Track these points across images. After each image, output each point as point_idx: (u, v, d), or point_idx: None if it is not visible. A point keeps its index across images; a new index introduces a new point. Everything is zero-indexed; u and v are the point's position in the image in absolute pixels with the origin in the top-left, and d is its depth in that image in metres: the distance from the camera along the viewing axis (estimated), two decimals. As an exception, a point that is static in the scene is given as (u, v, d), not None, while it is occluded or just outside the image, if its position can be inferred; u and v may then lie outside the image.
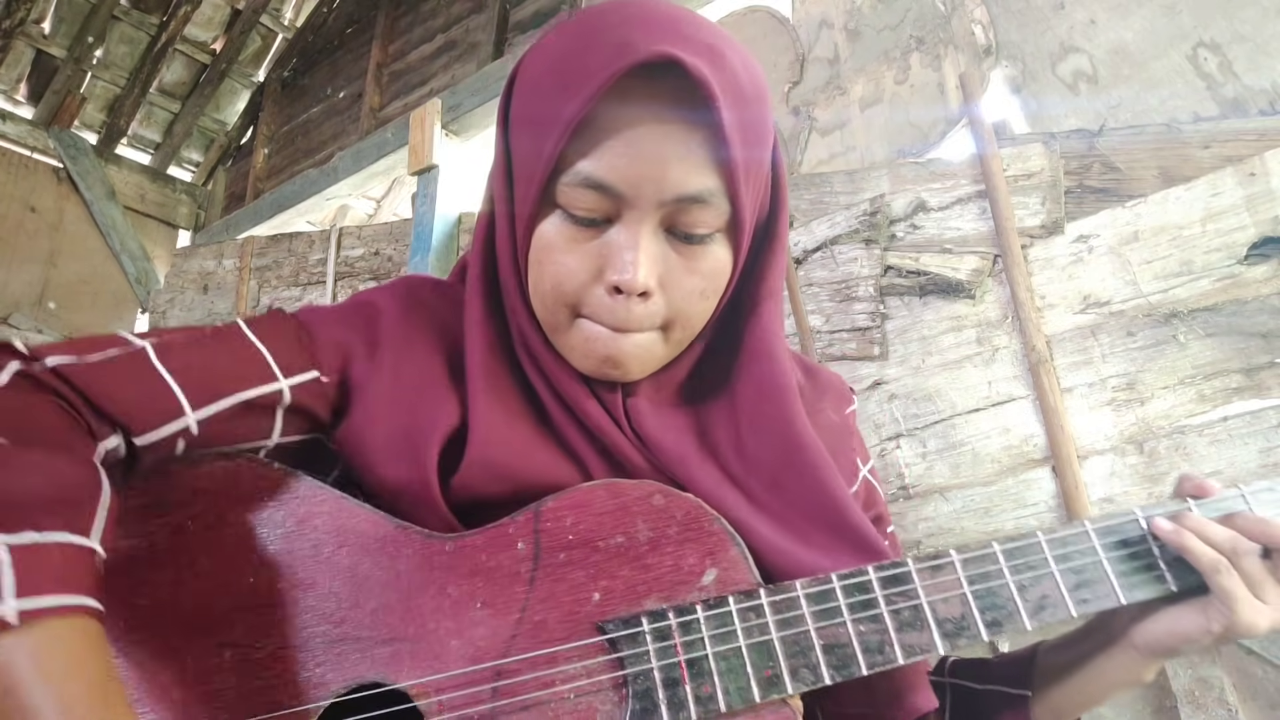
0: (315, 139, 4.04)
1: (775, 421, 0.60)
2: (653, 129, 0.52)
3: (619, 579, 0.52)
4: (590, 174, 0.52)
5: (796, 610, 0.52)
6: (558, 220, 0.55)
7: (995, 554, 0.54)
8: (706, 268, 0.56)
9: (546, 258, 0.56)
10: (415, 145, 3.04)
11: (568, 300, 0.56)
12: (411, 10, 3.79)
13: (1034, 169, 1.86)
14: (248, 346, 0.56)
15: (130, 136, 4.42)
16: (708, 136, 0.52)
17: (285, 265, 3.30)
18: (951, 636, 0.52)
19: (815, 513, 0.58)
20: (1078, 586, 0.54)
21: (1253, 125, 1.67)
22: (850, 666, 0.50)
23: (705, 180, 0.53)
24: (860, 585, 0.52)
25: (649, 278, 0.53)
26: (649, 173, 0.52)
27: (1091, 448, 1.68)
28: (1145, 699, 1.55)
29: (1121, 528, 0.56)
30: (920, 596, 0.53)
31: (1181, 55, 1.78)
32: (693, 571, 0.52)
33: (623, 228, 0.54)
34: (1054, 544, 0.55)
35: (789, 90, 2.40)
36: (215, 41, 4.33)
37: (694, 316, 0.58)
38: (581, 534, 0.53)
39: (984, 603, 0.53)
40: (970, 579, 0.53)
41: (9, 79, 4.07)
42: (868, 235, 2.01)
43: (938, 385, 1.86)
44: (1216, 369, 1.59)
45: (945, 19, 2.14)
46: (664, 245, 0.55)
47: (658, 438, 0.59)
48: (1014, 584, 0.53)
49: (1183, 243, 1.66)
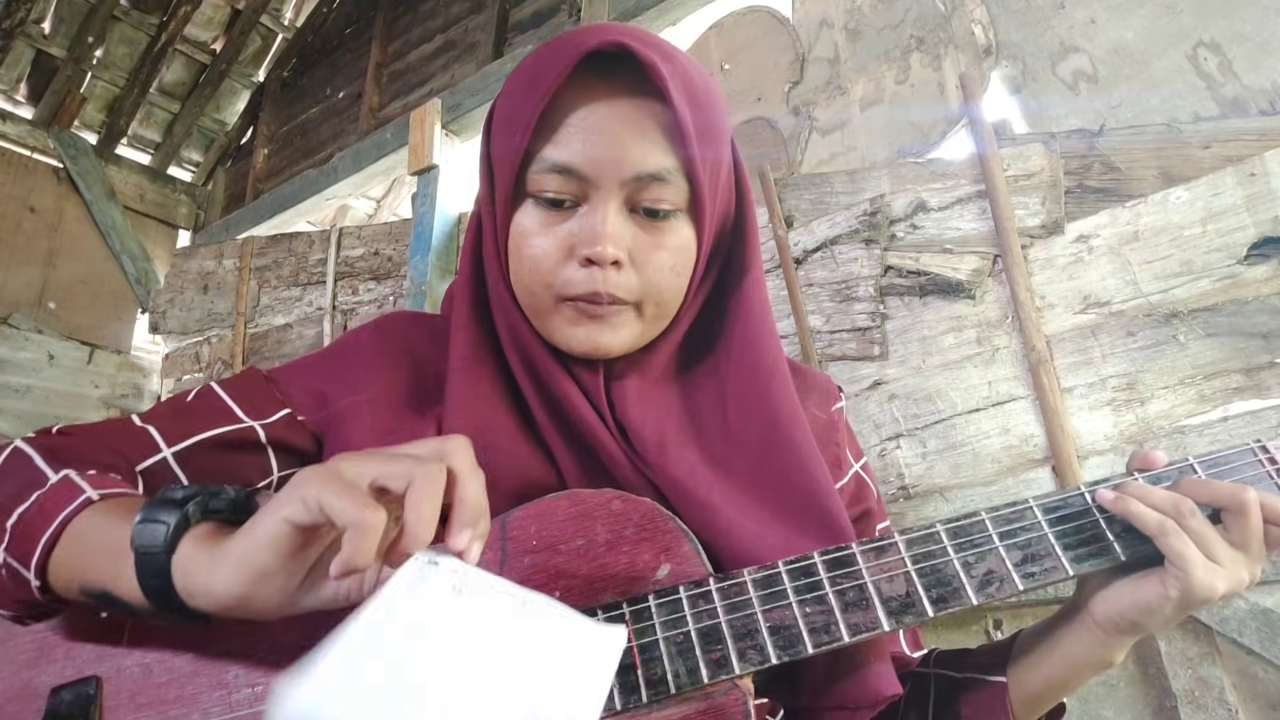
0: (315, 139, 4.04)
1: (761, 400, 0.63)
2: (610, 115, 0.58)
3: (578, 578, 0.55)
4: (555, 159, 0.58)
5: (744, 595, 0.54)
6: (531, 208, 0.61)
7: (938, 533, 0.56)
8: (672, 243, 0.61)
9: (524, 243, 0.61)
10: (415, 145, 3.04)
11: (545, 280, 0.60)
12: (411, 10, 3.79)
13: (1034, 169, 1.86)
14: (217, 401, 0.65)
15: (130, 136, 4.41)
16: (663, 121, 0.58)
17: (285, 265, 3.30)
18: (897, 614, 0.53)
19: (790, 492, 0.60)
20: (1024, 561, 0.55)
21: (1253, 125, 1.67)
22: (796, 646, 0.52)
23: (662, 159, 0.58)
24: (805, 569, 0.55)
25: (617, 248, 0.58)
26: (609, 154, 0.57)
27: (1091, 448, 1.68)
28: (1145, 699, 1.55)
29: (1067, 502, 0.57)
30: (865, 577, 0.54)
31: (1182, 55, 1.78)
32: (648, 567, 0.55)
33: (590, 208, 0.59)
34: (998, 521, 0.56)
35: (789, 90, 2.40)
36: (215, 41, 4.32)
37: (666, 291, 0.61)
38: (544, 539, 0.56)
39: (928, 580, 0.54)
40: (914, 558, 0.55)
41: (9, 79, 4.06)
42: (868, 235, 2.01)
43: (938, 385, 1.86)
44: (1216, 369, 1.59)
45: (945, 19, 2.14)
46: (630, 223, 0.60)
47: (638, 425, 0.63)
48: (958, 561, 0.55)
49: (1183, 243, 1.66)
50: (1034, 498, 0.57)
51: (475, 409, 0.62)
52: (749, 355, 0.65)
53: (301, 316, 3.20)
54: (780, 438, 0.62)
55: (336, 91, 4.01)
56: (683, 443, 0.63)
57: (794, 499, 0.60)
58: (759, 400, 0.63)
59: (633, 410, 0.63)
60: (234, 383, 0.67)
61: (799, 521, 0.59)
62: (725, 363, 0.66)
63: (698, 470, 0.61)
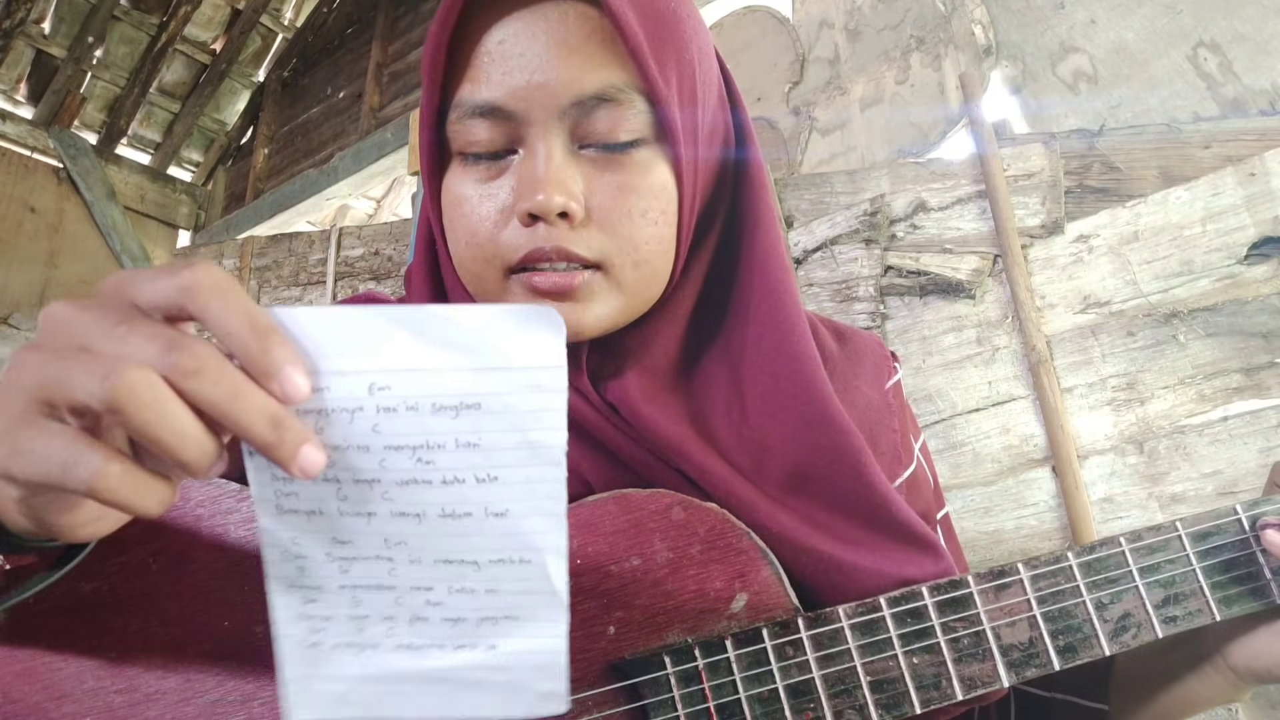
0: (315, 139, 4.04)
1: (789, 392, 0.51)
2: (533, 31, 0.45)
3: (636, 609, 0.45)
4: (472, 100, 0.46)
5: (840, 644, 0.45)
6: (457, 168, 0.49)
7: (1070, 567, 0.47)
8: (640, 183, 0.47)
9: (456, 213, 0.48)
10: (415, 145, 3.04)
11: (486, 254, 0.47)
12: (411, 10, 3.79)
13: (1034, 169, 1.86)
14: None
15: (130, 136, 4.41)
16: (601, 25, 0.45)
17: (285, 265, 3.30)
18: (1018, 666, 0.45)
19: (848, 503, 0.50)
20: (1166, 602, 0.46)
21: (1253, 125, 1.67)
22: (902, 706, 0.44)
23: (607, 75, 0.45)
24: (913, 610, 0.46)
25: (562, 194, 0.44)
26: (536, 78, 0.44)
27: (1092, 448, 1.68)
28: (1145, 699, 1.55)
29: (1220, 528, 0.48)
30: (983, 622, 0.45)
31: (1182, 55, 1.78)
32: (720, 596, 0.46)
33: (526, 152, 0.46)
34: (1139, 552, 0.47)
35: (789, 90, 2.40)
36: (215, 41, 4.32)
37: (642, 245, 0.47)
38: (590, 557, 0.46)
39: (1055, 625, 0.46)
40: (1040, 599, 0.46)
41: (9, 79, 4.06)
42: (868, 235, 2.01)
43: (938, 385, 1.86)
44: (1216, 369, 1.59)
45: (945, 19, 2.14)
46: (582, 162, 0.47)
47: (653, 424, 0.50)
48: (1091, 602, 0.46)
49: (1183, 243, 1.66)
50: (1181, 521, 0.48)
51: None
52: (770, 335, 0.52)
53: (302, 316, 3.20)
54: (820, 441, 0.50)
55: (337, 91, 4.01)
56: (705, 449, 0.51)
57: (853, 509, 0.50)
58: (787, 395, 0.51)
59: (645, 410, 0.50)
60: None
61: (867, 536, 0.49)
62: (740, 347, 0.53)
63: (735, 483, 0.50)
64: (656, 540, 0.46)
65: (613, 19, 0.44)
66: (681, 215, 0.49)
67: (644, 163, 0.47)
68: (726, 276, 0.55)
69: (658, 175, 0.48)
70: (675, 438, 0.50)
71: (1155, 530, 0.48)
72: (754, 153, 0.55)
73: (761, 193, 0.54)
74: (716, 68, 0.54)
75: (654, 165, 0.47)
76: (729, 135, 0.55)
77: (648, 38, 0.45)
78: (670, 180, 0.48)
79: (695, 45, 0.50)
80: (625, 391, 0.51)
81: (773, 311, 0.52)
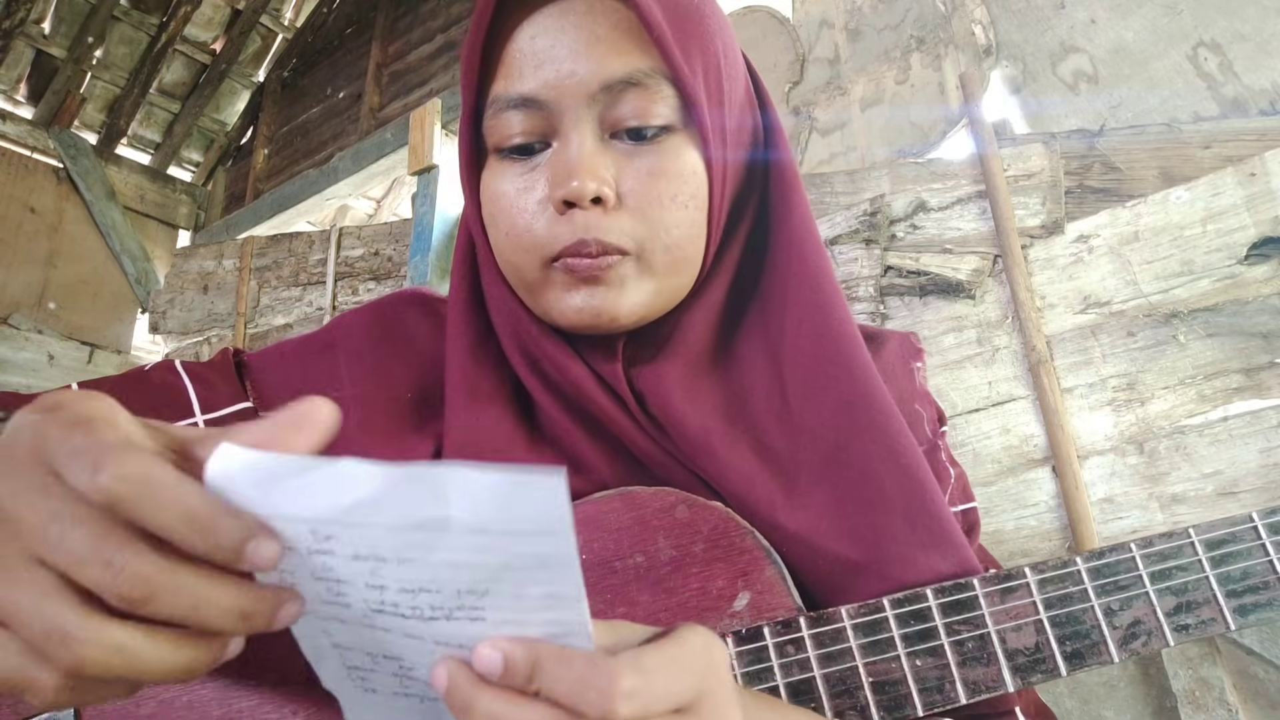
0: (315, 139, 4.04)
1: (831, 377, 0.51)
2: (561, 25, 0.48)
3: (639, 606, 0.45)
4: (507, 94, 0.49)
5: (842, 644, 0.45)
6: (496, 164, 0.51)
7: (1078, 571, 0.47)
8: (670, 168, 0.48)
9: (496, 208, 0.51)
10: (415, 145, 3.04)
11: (525, 243, 0.49)
12: (411, 11, 3.79)
13: (1034, 169, 1.86)
14: (176, 381, 0.55)
15: (130, 136, 4.41)
16: (627, 17, 0.47)
17: (285, 265, 3.30)
18: (1023, 671, 0.45)
19: (883, 488, 0.49)
20: (1178, 610, 0.46)
21: (1253, 125, 1.67)
22: (904, 708, 0.44)
23: (634, 60, 0.47)
24: (917, 612, 0.45)
25: (594, 179, 0.46)
26: (566, 68, 0.47)
27: (1092, 448, 1.68)
28: (1145, 699, 1.55)
29: (1235, 535, 0.48)
30: (988, 624, 0.45)
31: (1182, 55, 1.78)
32: (723, 595, 0.46)
33: (559, 143, 0.49)
34: (1150, 558, 0.47)
35: (789, 90, 2.40)
36: (215, 42, 4.32)
37: (674, 228, 0.49)
38: (596, 554, 0.46)
39: (1063, 630, 0.45)
40: (1047, 602, 0.46)
41: (9, 79, 4.06)
42: (868, 235, 2.01)
43: (938, 385, 1.86)
44: (1216, 369, 1.59)
45: (945, 19, 2.14)
46: (613, 151, 0.49)
47: (679, 419, 0.50)
48: (1100, 607, 0.46)
49: (1183, 243, 1.66)
50: (1194, 528, 0.47)
51: (481, 435, 0.51)
52: (810, 319, 0.52)
53: (301, 317, 3.20)
54: (861, 421, 0.50)
55: (337, 92, 4.01)
56: (734, 440, 0.51)
57: (892, 498, 0.49)
58: (828, 377, 0.51)
59: (674, 401, 0.51)
60: (199, 365, 0.57)
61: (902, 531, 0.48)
62: (778, 330, 0.53)
63: (757, 481, 0.49)
64: (660, 538, 0.47)
65: (637, 10, 0.46)
66: (712, 201, 0.51)
67: (673, 149, 0.49)
68: (759, 265, 0.56)
69: (687, 161, 0.49)
70: (700, 433, 0.50)
71: (1167, 537, 0.47)
72: (786, 154, 0.56)
73: (794, 183, 0.55)
74: (743, 67, 0.56)
75: (683, 151, 0.49)
76: (758, 133, 0.56)
77: (671, 28, 0.47)
78: (700, 166, 0.50)
79: (720, 40, 0.52)
80: (659, 380, 0.52)
81: (812, 295, 0.53)
